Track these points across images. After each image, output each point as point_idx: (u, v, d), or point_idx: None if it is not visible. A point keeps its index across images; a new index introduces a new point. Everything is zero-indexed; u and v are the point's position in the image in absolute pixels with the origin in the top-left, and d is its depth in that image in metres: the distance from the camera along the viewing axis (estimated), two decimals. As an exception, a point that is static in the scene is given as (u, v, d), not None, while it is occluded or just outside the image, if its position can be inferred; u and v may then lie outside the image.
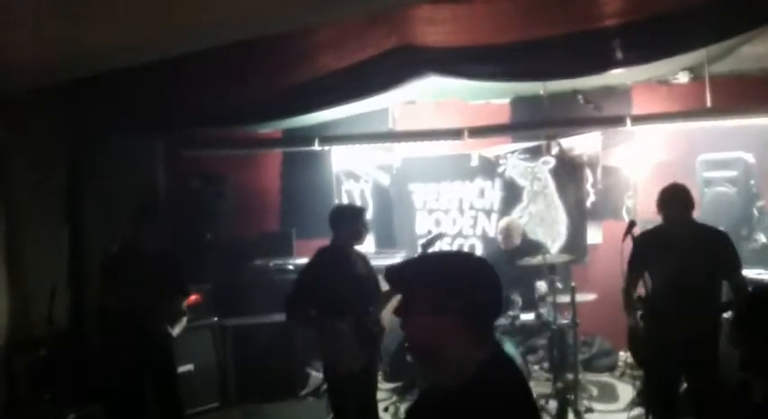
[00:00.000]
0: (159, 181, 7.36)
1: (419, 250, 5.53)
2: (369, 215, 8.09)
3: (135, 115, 6.22)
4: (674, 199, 4.66)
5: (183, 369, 6.00)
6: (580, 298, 6.03)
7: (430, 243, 5.56)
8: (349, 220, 4.99)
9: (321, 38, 5.02)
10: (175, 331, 5.43)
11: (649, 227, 4.91)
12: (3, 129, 5.46)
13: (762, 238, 5.82)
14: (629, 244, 4.74)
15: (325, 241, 5.56)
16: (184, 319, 5.61)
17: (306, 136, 7.62)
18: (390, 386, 6.88)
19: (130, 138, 6.59)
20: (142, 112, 6.19)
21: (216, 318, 6.69)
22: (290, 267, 7.10)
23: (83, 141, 6.37)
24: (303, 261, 5.87)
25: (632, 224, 4.67)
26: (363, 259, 5.16)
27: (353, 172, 8.18)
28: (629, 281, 4.83)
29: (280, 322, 6.00)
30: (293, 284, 4.93)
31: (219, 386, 6.60)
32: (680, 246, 4.55)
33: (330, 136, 7.57)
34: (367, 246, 7.74)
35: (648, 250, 4.76)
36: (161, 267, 5.36)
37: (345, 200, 8.12)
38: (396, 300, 5.51)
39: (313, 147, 7.54)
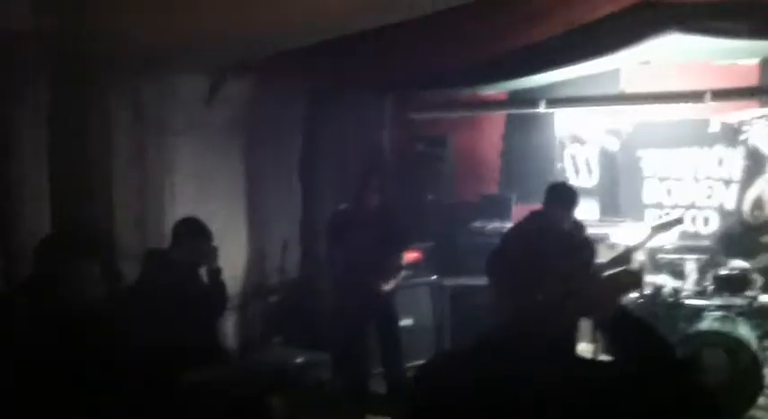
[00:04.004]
0: (385, 141, 7.60)
1: (649, 232, 5.15)
2: (594, 181, 7.82)
3: (365, 76, 6.41)
4: None
5: (403, 322, 6.20)
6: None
7: (664, 227, 5.17)
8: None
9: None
10: (389, 285, 5.65)
11: None
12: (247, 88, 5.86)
13: None
14: None
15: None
16: (402, 274, 5.82)
17: (532, 98, 7.45)
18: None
19: (360, 99, 6.82)
20: (372, 73, 6.35)
21: (435, 277, 6.84)
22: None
23: (315, 100, 6.68)
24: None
25: None
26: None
27: (579, 136, 7.89)
28: None
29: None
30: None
31: (436, 342, 6.75)
32: None
33: (558, 98, 7.33)
34: (591, 213, 7.54)
35: None
36: (385, 223, 5.58)
37: (569, 165, 7.88)
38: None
39: (539, 110, 7.36)
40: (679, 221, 5.29)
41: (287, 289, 6.41)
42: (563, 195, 5.45)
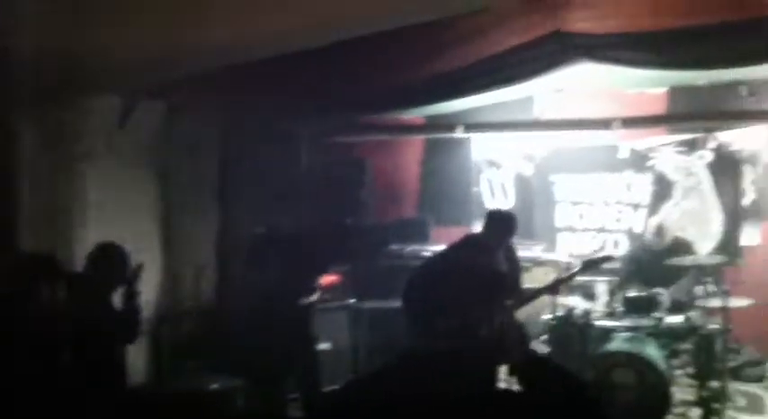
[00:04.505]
0: (304, 165, 7.57)
1: (579, 267, 5.66)
2: (509, 205, 7.97)
3: (282, 101, 6.39)
4: None
5: (321, 346, 6.14)
6: (733, 302, 5.67)
7: (595, 262, 5.51)
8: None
9: (472, 24, 4.94)
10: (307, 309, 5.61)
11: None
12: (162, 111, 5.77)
13: None
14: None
15: (462, 229, 5.62)
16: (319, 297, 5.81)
17: (449, 123, 7.56)
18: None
19: (277, 123, 6.79)
20: (289, 99, 6.34)
21: (353, 300, 6.82)
22: (425, 254, 7.09)
23: (233, 126, 6.62)
24: (438, 248, 5.92)
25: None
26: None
27: (495, 161, 8.04)
28: None
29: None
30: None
31: (353, 366, 6.71)
32: None
33: (474, 123, 7.47)
34: (506, 237, 7.67)
35: None
36: (303, 247, 5.53)
37: (485, 189, 8.01)
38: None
39: (456, 134, 7.48)
40: (610, 258, 5.68)
41: (202, 314, 6.28)
42: (502, 221, 5.58)
